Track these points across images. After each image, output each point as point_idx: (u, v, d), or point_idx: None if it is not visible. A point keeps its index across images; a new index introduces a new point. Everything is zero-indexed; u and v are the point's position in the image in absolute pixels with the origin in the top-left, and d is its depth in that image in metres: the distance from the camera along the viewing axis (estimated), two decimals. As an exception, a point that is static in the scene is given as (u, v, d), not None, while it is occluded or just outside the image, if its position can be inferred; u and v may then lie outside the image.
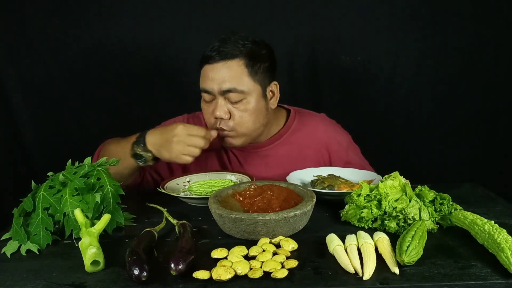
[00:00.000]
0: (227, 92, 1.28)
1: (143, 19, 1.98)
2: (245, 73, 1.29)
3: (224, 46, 1.28)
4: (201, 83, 1.32)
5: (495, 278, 0.75)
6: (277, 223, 0.90)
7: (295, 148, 1.46)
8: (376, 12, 2.00)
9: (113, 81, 2.05)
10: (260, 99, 1.33)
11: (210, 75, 1.28)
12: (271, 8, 1.98)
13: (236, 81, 1.27)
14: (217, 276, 0.76)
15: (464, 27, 2.02)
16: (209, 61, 1.29)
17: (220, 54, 1.27)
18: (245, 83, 1.28)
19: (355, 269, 0.78)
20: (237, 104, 1.30)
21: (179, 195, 1.19)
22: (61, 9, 1.95)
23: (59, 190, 0.97)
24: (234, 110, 1.30)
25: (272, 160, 1.45)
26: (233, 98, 1.28)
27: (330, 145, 1.48)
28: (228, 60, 1.27)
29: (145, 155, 1.23)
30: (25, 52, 1.98)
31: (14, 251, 0.91)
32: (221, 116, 1.29)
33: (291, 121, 1.48)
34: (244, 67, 1.28)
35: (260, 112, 1.34)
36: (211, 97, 1.31)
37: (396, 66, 2.07)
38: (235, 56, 1.28)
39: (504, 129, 2.11)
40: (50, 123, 2.06)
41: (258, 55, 1.32)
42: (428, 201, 1.00)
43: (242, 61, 1.28)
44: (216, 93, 1.29)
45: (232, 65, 1.27)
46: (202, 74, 1.32)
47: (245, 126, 1.32)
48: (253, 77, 1.30)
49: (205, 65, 1.31)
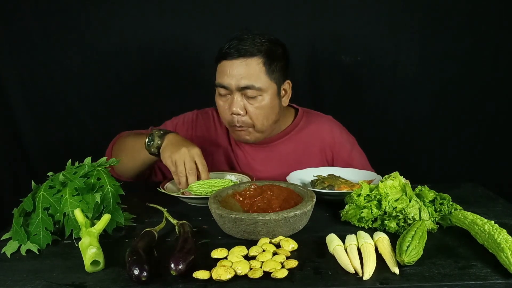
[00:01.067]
0: (244, 88, 1.31)
1: (143, 18, 1.98)
2: (263, 71, 1.32)
3: (243, 43, 1.31)
4: (218, 78, 1.35)
5: (495, 278, 0.75)
6: (277, 223, 0.90)
7: (301, 145, 1.49)
8: (376, 12, 2.00)
9: (113, 81, 2.05)
10: (275, 97, 1.37)
11: (229, 71, 1.31)
12: (271, 8, 1.98)
13: (254, 78, 1.31)
14: (217, 276, 0.76)
15: (464, 27, 2.02)
16: (227, 57, 1.32)
17: (239, 51, 1.30)
18: (262, 81, 1.32)
19: (355, 269, 0.78)
20: (253, 100, 1.33)
21: (179, 195, 1.19)
22: (61, 9, 1.95)
23: (59, 190, 0.97)
24: (250, 106, 1.34)
25: (278, 156, 1.47)
26: (249, 94, 1.32)
27: (334, 146, 1.50)
28: (247, 58, 1.31)
29: (156, 140, 1.26)
30: (25, 52, 1.98)
31: (14, 251, 0.91)
32: (237, 112, 1.33)
33: (299, 120, 1.51)
34: (262, 65, 1.32)
35: (274, 110, 1.38)
36: (227, 92, 1.34)
37: (396, 66, 2.07)
38: (254, 54, 1.31)
39: (504, 129, 2.11)
40: (50, 123, 2.06)
41: (275, 54, 1.35)
42: (428, 201, 1.00)
43: (261, 59, 1.32)
44: (234, 89, 1.32)
45: (251, 63, 1.31)
46: (220, 69, 1.35)
47: (260, 123, 1.36)
48: (270, 76, 1.33)
49: (223, 61, 1.33)
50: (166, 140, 1.26)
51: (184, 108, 1.60)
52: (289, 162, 1.44)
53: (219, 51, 1.35)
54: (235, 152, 1.50)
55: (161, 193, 1.20)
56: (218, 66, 1.36)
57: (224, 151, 1.51)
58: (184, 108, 1.60)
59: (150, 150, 1.27)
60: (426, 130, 2.14)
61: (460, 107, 2.10)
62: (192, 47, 2.02)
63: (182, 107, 1.62)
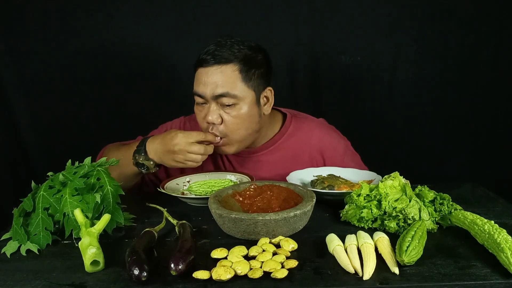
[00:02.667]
0: (219, 96, 1.25)
1: (143, 20, 1.98)
2: (239, 79, 1.26)
3: (219, 50, 1.26)
4: (195, 86, 1.30)
5: (495, 278, 0.75)
6: (277, 223, 0.90)
7: (289, 153, 1.44)
8: (376, 12, 2.00)
9: (113, 81, 2.05)
10: (253, 105, 1.30)
11: (203, 79, 1.26)
12: (271, 9, 1.98)
13: (229, 86, 1.25)
14: (217, 276, 0.76)
15: (464, 27, 2.02)
16: (203, 64, 1.27)
17: (215, 58, 1.25)
18: (238, 89, 1.26)
19: (355, 269, 0.78)
20: (229, 109, 1.27)
21: (179, 195, 1.19)
22: (61, 9, 1.95)
23: (59, 190, 0.97)
24: (226, 115, 1.28)
25: (266, 166, 1.43)
26: (225, 102, 1.26)
27: (324, 151, 1.45)
28: (222, 65, 1.25)
29: (147, 164, 1.25)
30: (25, 52, 1.98)
31: (14, 251, 0.91)
32: (212, 121, 1.27)
33: (287, 127, 1.46)
34: (238, 72, 1.26)
35: (253, 119, 1.31)
36: (204, 101, 1.29)
37: (396, 67, 2.07)
38: (229, 61, 1.25)
39: (504, 129, 2.11)
40: (50, 123, 2.06)
41: (253, 60, 1.29)
42: (428, 201, 1.00)
43: (237, 66, 1.26)
44: (209, 97, 1.26)
45: (226, 70, 1.25)
46: (196, 77, 1.30)
47: (236, 132, 1.30)
48: (247, 83, 1.28)
49: (199, 68, 1.29)
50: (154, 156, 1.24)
51: (184, 109, 1.60)
52: (278, 171, 1.39)
53: (196, 58, 1.31)
54: (223, 161, 1.46)
55: (161, 193, 1.20)
56: (195, 74, 1.31)
57: (213, 159, 1.47)
58: (185, 109, 1.60)
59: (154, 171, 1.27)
60: (426, 130, 2.14)
61: (460, 107, 2.11)
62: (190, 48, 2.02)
63: (182, 107, 1.62)
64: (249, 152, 1.43)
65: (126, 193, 1.05)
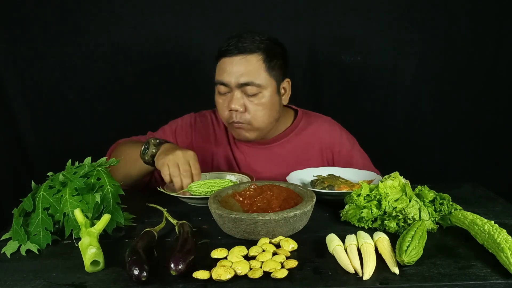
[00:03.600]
0: (244, 85, 1.31)
1: (143, 16, 1.98)
2: (263, 68, 1.33)
3: (242, 41, 1.32)
4: (218, 75, 1.36)
5: (495, 278, 0.75)
6: (277, 223, 0.90)
7: (300, 146, 1.49)
8: (376, 11, 2.00)
9: (113, 80, 2.05)
10: (275, 94, 1.37)
11: (228, 68, 1.32)
12: (271, 8, 1.98)
13: (253, 75, 1.31)
14: (217, 276, 0.76)
15: (464, 27, 2.02)
16: (227, 54, 1.32)
17: (239, 48, 1.31)
18: (262, 77, 1.33)
19: (355, 269, 0.78)
20: (253, 97, 1.33)
21: (179, 195, 1.19)
22: (61, 9, 1.95)
23: (59, 190, 0.97)
24: (249, 103, 1.34)
25: (277, 157, 1.47)
26: (249, 91, 1.32)
27: (333, 146, 1.51)
28: (247, 55, 1.32)
29: (150, 149, 1.25)
30: (25, 52, 1.97)
31: (14, 251, 0.91)
32: (236, 109, 1.33)
33: (298, 121, 1.52)
34: (262, 62, 1.33)
35: (274, 107, 1.38)
36: (227, 89, 1.34)
37: (396, 66, 2.07)
38: (253, 51, 1.32)
39: (504, 129, 2.11)
40: (50, 123, 2.06)
41: (275, 52, 1.37)
42: (428, 201, 1.00)
43: (260, 56, 1.33)
44: (233, 86, 1.32)
45: (250, 59, 1.32)
46: (219, 67, 1.36)
47: (260, 120, 1.36)
48: (270, 72, 1.34)
49: (222, 58, 1.34)
50: (161, 148, 1.23)
51: (185, 107, 1.60)
52: (289, 163, 1.43)
53: (218, 49, 1.36)
54: (235, 153, 1.50)
55: (161, 193, 1.20)
56: (217, 64, 1.37)
57: (224, 152, 1.50)
58: (185, 107, 1.60)
59: (144, 158, 1.26)
60: (426, 130, 2.14)
61: (460, 107, 2.10)
62: (191, 47, 2.02)
63: (183, 106, 1.62)
64: (261, 143, 1.48)
65: (129, 191, 1.05)
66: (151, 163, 1.26)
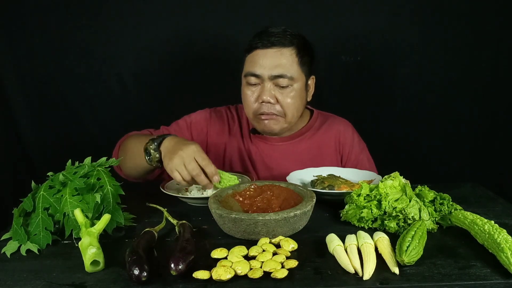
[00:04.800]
0: (277, 77, 1.33)
1: (144, 17, 1.98)
2: (296, 62, 1.35)
3: (275, 34, 1.34)
4: (249, 67, 1.37)
5: (495, 278, 0.75)
6: (277, 223, 0.90)
7: (315, 145, 1.51)
8: (376, 11, 2.00)
9: (113, 81, 2.05)
10: (303, 89, 1.40)
11: (261, 61, 1.34)
12: (270, 8, 1.98)
13: (287, 68, 1.34)
14: (217, 276, 0.76)
15: (464, 27, 2.02)
16: (261, 46, 1.34)
17: (273, 41, 1.33)
18: (294, 71, 1.35)
19: (355, 269, 0.78)
20: (284, 89, 1.35)
21: (179, 195, 1.19)
22: (61, 9, 1.95)
23: (59, 190, 0.97)
24: (280, 95, 1.36)
25: (292, 155, 1.48)
26: (281, 83, 1.34)
27: (345, 147, 1.53)
28: (281, 48, 1.34)
29: (153, 154, 1.20)
30: (25, 52, 1.98)
31: (14, 251, 0.91)
32: (268, 100, 1.35)
33: (314, 120, 1.54)
34: (295, 55, 1.35)
35: (302, 101, 1.41)
36: (258, 81, 1.36)
37: (396, 66, 2.07)
38: (287, 45, 1.35)
39: (504, 129, 2.11)
40: (50, 123, 2.06)
41: (306, 47, 1.40)
42: (428, 201, 1.00)
43: (294, 50, 1.36)
44: (266, 77, 1.34)
45: (285, 53, 1.34)
46: (251, 59, 1.37)
47: (290, 112, 1.38)
48: (301, 67, 1.37)
49: (255, 50, 1.36)
50: (163, 151, 1.18)
51: (184, 107, 1.59)
52: (303, 161, 1.45)
53: (250, 42, 1.38)
54: (250, 150, 1.50)
55: (161, 193, 1.20)
56: (248, 56, 1.38)
57: (239, 149, 1.51)
58: (185, 107, 1.59)
59: (153, 165, 1.21)
60: (426, 130, 2.14)
61: (460, 107, 2.11)
62: (191, 46, 2.02)
63: (183, 106, 1.62)
64: (277, 140, 1.49)
65: (129, 191, 1.05)
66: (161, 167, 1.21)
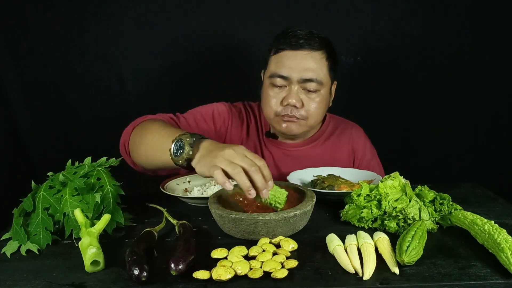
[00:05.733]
0: (307, 81, 1.29)
1: (144, 17, 1.98)
2: (326, 66, 1.32)
3: (305, 36, 1.29)
4: (276, 68, 1.31)
5: (495, 278, 0.75)
6: (277, 223, 0.90)
7: (328, 151, 1.48)
8: (376, 11, 2.00)
9: (113, 80, 2.05)
10: (328, 94, 1.38)
11: (290, 62, 1.29)
12: (270, 8, 1.98)
13: (318, 72, 1.30)
14: (217, 276, 0.76)
15: (464, 26, 2.02)
16: (291, 47, 1.29)
17: (304, 43, 1.28)
18: (324, 76, 1.32)
19: (355, 269, 0.78)
20: (312, 93, 1.31)
21: (179, 195, 1.19)
22: (62, 9, 1.95)
23: (59, 190, 0.97)
24: (307, 100, 1.32)
25: (305, 161, 1.45)
26: (310, 87, 1.30)
27: (356, 153, 1.51)
28: (313, 51, 1.30)
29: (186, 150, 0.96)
30: (25, 52, 1.98)
31: (14, 251, 0.91)
32: (294, 104, 1.30)
33: (326, 125, 1.51)
34: (325, 60, 1.32)
35: (326, 106, 1.38)
36: (285, 83, 1.31)
37: (396, 66, 2.07)
38: (319, 48, 1.30)
39: (504, 129, 2.11)
40: (50, 123, 2.06)
41: (334, 52, 1.37)
42: (428, 201, 1.00)
43: (325, 54, 1.32)
44: (295, 80, 1.29)
45: (316, 56, 1.30)
46: (279, 60, 1.31)
47: (314, 117, 1.34)
48: (329, 72, 1.34)
49: (283, 51, 1.30)
50: (201, 150, 0.95)
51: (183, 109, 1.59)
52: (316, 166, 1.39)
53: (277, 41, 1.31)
54: (263, 152, 1.47)
55: (161, 193, 1.20)
56: (274, 56, 1.33)
57: (254, 147, 1.47)
58: (184, 109, 1.59)
59: (178, 162, 0.97)
60: (426, 130, 2.14)
61: (460, 107, 2.11)
62: (191, 47, 2.02)
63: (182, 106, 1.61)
64: (290, 145, 1.47)
65: (129, 191, 1.05)
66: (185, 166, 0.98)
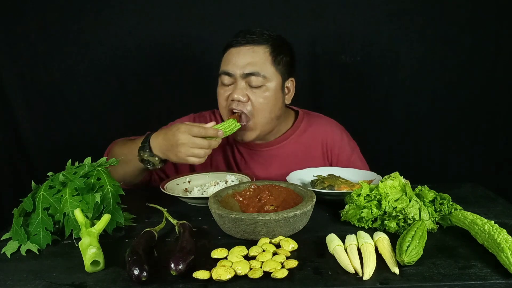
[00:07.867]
0: (249, 75, 1.31)
1: (142, 16, 1.98)
2: (269, 61, 1.33)
3: (251, 33, 1.34)
4: (223, 66, 1.35)
5: (495, 278, 0.75)
6: (277, 223, 0.90)
7: (302, 148, 1.47)
8: (377, 11, 2.00)
9: (113, 80, 2.05)
10: (279, 90, 1.36)
11: (234, 59, 1.32)
12: (271, 7, 1.98)
13: (259, 66, 1.31)
14: (217, 276, 0.76)
15: (464, 27, 2.02)
16: (235, 44, 1.33)
17: (247, 39, 1.32)
18: (267, 70, 1.32)
19: (355, 269, 0.78)
20: (257, 89, 1.32)
21: (179, 195, 1.19)
22: (61, 9, 1.95)
23: (59, 190, 0.97)
24: (253, 95, 1.32)
25: (278, 160, 1.46)
26: (254, 82, 1.31)
27: (333, 149, 1.49)
28: (254, 45, 1.32)
29: (152, 160, 1.23)
30: (26, 52, 1.98)
31: (14, 251, 0.91)
32: (238, 98, 1.31)
33: (299, 122, 1.50)
34: (269, 54, 1.33)
35: (277, 103, 1.37)
36: (231, 80, 1.33)
37: (396, 66, 2.07)
38: (261, 43, 1.33)
39: (504, 129, 2.11)
40: (50, 123, 2.06)
41: (282, 47, 1.37)
42: (428, 201, 1.00)
43: (268, 48, 1.33)
44: (238, 76, 1.31)
45: (257, 50, 1.32)
46: (225, 58, 1.36)
47: (262, 114, 1.34)
48: (276, 66, 1.34)
49: (230, 49, 1.34)
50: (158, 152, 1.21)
51: (185, 107, 1.59)
52: (289, 166, 1.41)
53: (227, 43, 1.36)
54: (235, 155, 1.48)
55: (161, 193, 1.20)
56: (224, 55, 1.37)
57: (223, 154, 1.49)
58: (185, 107, 1.59)
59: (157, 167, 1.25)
60: (426, 130, 2.14)
61: (460, 107, 2.10)
62: (192, 47, 2.02)
63: (183, 106, 1.62)
64: (262, 145, 1.46)
65: (129, 191, 1.05)
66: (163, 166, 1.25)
